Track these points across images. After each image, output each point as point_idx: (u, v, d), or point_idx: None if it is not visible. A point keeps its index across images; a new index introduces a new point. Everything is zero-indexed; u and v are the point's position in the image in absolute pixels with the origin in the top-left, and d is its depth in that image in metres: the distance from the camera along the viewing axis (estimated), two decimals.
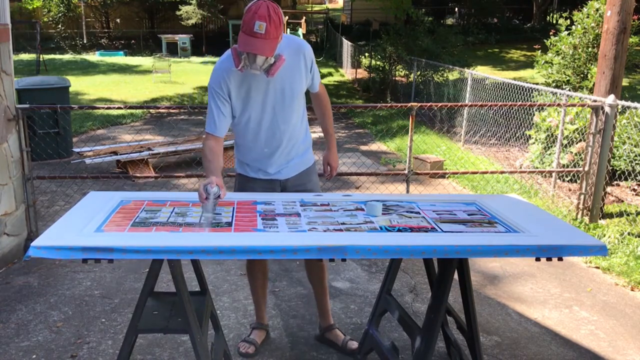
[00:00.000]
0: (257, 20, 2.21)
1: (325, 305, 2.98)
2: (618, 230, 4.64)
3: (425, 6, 24.21)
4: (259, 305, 3.00)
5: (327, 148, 2.88)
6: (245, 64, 2.34)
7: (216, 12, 25.26)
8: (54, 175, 4.95)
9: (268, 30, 2.23)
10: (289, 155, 2.67)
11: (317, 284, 2.94)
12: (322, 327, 3.01)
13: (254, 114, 2.55)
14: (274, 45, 2.30)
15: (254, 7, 2.24)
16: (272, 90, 2.51)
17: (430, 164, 6.53)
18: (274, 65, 2.36)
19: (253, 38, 2.24)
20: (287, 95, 2.54)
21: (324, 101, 2.82)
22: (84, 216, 2.21)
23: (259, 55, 2.28)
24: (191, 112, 11.12)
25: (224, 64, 2.46)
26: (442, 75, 11.40)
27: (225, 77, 2.45)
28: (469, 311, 2.39)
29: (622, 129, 5.72)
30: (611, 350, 3.03)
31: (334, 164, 2.88)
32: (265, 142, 2.61)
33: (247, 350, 2.85)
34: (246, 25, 2.25)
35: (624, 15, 4.93)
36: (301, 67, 2.54)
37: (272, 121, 2.57)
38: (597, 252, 2.06)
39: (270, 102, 2.53)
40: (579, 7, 8.45)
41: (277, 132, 2.60)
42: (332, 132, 2.86)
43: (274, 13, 2.24)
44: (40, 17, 24.66)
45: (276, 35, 2.28)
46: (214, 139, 2.49)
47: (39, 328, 3.10)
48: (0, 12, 3.93)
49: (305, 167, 2.75)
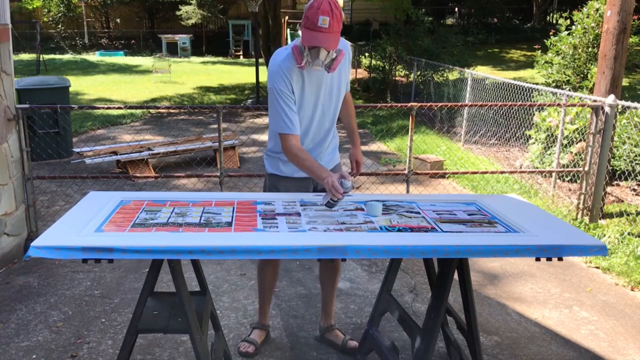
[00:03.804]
0: (321, 15, 2.29)
1: (331, 307, 3.00)
2: (618, 230, 4.64)
3: (425, 6, 24.19)
4: (264, 306, 3.01)
5: (354, 146, 2.93)
6: (308, 60, 2.39)
7: (216, 12, 25.24)
8: (54, 175, 4.95)
9: (331, 24, 2.30)
10: (325, 153, 2.75)
11: (328, 284, 2.96)
12: (322, 327, 3.01)
13: (307, 112, 2.60)
14: (337, 38, 2.37)
15: (315, 3, 2.31)
16: (324, 89, 2.58)
17: (430, 164, 6.53)
18: (335, 60, 2.43)
19: (318, 32, 2.31)
20: (334, 94, 2.62)
21: (351, 101, 2.90)
22: (84, 216, 2.21)
23: (323, 49, 2.34)
24: (191, 112, 11.12)
25: (284, 63, 2.49)
26: (442, 75, 11.40)
27: (288, 76, 2.48)
28: (469, 311, 2.39)
29: (622, 129, 5.72)
30: (611, 350, 3.03)
31: (361, 160, 2.93)
32: (311, 139, 2.67)
33: (247, 350, 2.85)
34: (310, 21, 2.32)
35: (624, 15, 4.93)
36: (347, 67, 2.64)
37: (320, 119, 2.64)
38: (597, 252, 2.06)
39: (321, 101, 2.60)
40: (579, 7, 8.45)
41: (322, 130, 2.67)
42: (357, 130, 2.94)
43: (335, 8, 2.32)
44: (40, 17, 24.64)
45: (338, 29, 2.35)
46: (295, 137, 2.51)
47: (39, 328, 3.10)
48: (0, 12, 3.93)
49: (335, 163, 2.83)
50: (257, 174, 5.11)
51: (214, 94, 14.05)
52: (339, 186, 2.27)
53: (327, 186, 2.30)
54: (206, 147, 7.05)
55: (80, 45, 24.63)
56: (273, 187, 2.76)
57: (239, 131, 9.14)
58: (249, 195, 2.60)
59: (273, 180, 2.77)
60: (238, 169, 6.91)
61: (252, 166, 7.06)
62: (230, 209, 2.38)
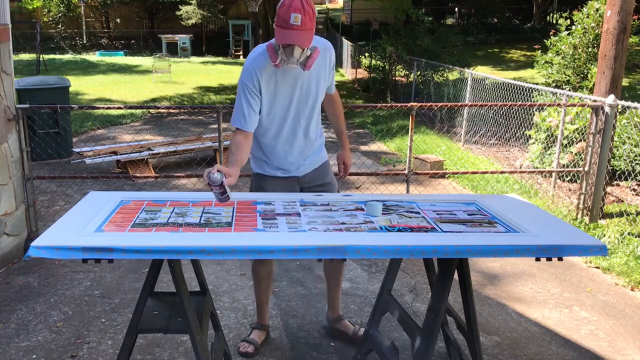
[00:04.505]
0: (293, 13, 2.29)
1: (337, 297, 3.02)
2: (618, 230, 4.64)
3: (425, 6, 24.20)
4: (262, 306, 3.01)
5: (342, 147, 2.93)
6: (283, 58, 2.39)
7: (216, 12, 25.25)
8: (54, 175, 4.95)
9: (304, 21, 2.31)
10: (306, 153, 2.73)
11: (333, 275, 2.98)
12: (330, 318, 3.04)
13: (279, 111, 2.59)
14: (310, 35, 2.37)
15: (287, 1, 2.32)
16: (299, 88, 2.57)
17: (430, 164, 6.53)
18: (310, 58, 2.42)
19: (290, 30, 2.31)
20: (311, 94, 2.61)
21: (338, 102, 2.88)
22: (84, 216, 2.21)
23: (296, 47, 2.34)
24: (191, 112, 11.12)
25: (257, 60, 2.49)
26: (442, 75, 11.40)
27: (257, 74, 2.49)
28: (469, 311, 2.39)
29: (622, 129, 5.72)
30: (611, 350, 3.03)
31: (349, 162, 2.93)
32: (286, 139, 2.65)
33: (247, 350, 2.85)
34: (282, 19, 2.32)
35: (624, 15, 4.93)
36: (326, 66, 2.62)
37: (294, 119, 2.62)
38: (597, 252, 2.06)
39: (295, 100, 2.59)
40: (579, 7, 8.45)
41: (298, 130, 2.65)
42: (345, 132, 2.92)
43: (307, 5, 2.33)
44: (40, 17, 24.65)
45: (311, 26, 2.35)
46: (243, 133, 2.52)
47: (39, 328, 3.10)
48: (0, 12, 3.93)
49: (321, 162, 2.81)
50: None
51: (214, 94, 14.05)
52: (205, 178, 2.18)
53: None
54: (206, 147, 7.06)
55: (80, 45, 24.63)
56: (259, 187, 2.76)
57: None
58: (249, 195, 2.60)
59: (259, 180, 2.77)
60: None
61: None
62: (230, 209, 2.38)
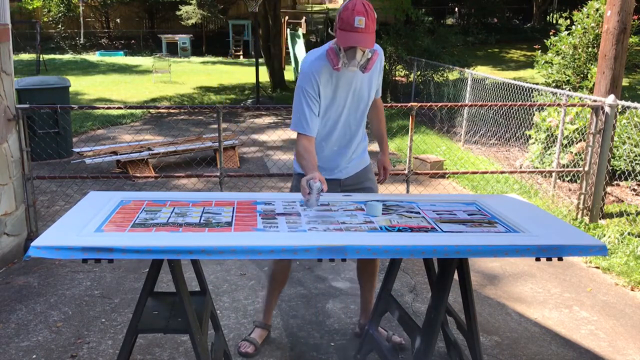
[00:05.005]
0: (357, 16, 2.34)
1: (370, 302, 3.01)
2: (618, 230, 4.64)
3: (425, 6, 24.17)
4: (269, 306, 3.02)
5: (382, 152, 2.96)
6: (344, 61, 2.43)
7: (216, 12, 25.23)
8: (54, 175, 4.95)
9: (367, 24, 2.36)
10: (352, 156, 2.76)
11: (367, 280, 3.00)
12: (362, 324, 3.04)
13: (333, 114, 2.63)
14: (373, 38, 2.42)
15: (349, 4, 2.37)
16: (352, 92, 2.60)
17: (430, 164, 6.53)
18: (370, 60, 2.46)
19: (355, 33, 2.36)
20: (363, 97, 2.65)
21: (381, 107, 2.91)
22: (84, 216, 2.21)
23: (359, 50, 2.39)
24: (191, 112, 11.12)
25: (314, 65, 2.52)
26: (442, 75, 11.39)
27: (316, 78, 2.52)
28: (469, 311, 2.39)
29: (622, 129, 5.72)
30: (611, 350, 3.03)
31: (389, 167, 2.96)
32: (335, 141, 2.69)
33: (247, 350, 2.86)
34: (345, 22, 2.36)
35: (624, 15, 4.93)
36: (377, 71, 2.66)
37: (346, 122, 2.66)
38: (597, 252, 2.06)
39: (349, 103, 2.62)
40: (579, 7, 8.45)
41: (348, 133, 2.69)
42: (386, 137, 2.96)
43: (369, 8, 2.39)
44: (40, 17, 24.64)
45: (373, 29, 2.40)
46: (307, 138, 2.54)
47: (39, 328, 3.10)
48: (0, 12, 3.93)
49: (363, 165, 2.84)
50: (257, 174, 5.12)
51: (214, 94, 14.05)
52: (305, 186, 2.28)
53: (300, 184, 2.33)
54: (206, 147, 7.06)
55: (80, 45, 24.62)
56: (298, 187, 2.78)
57: (239, 131, 9.14)
58: (249, 195, 2.60)
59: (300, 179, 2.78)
60: (238, 169, 6.91)
61: (252, 166, 7.06)
62: (230, 209, 2.38)
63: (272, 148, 7.99)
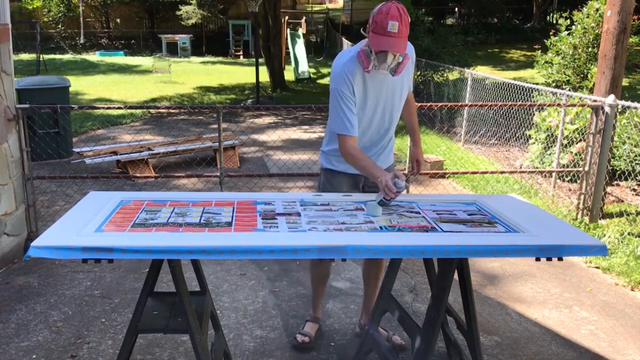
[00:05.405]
0: (391, 20, 2.33)
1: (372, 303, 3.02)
2: (618, 230, 4.64)
3: (425, 6, 24.16)
4: (316, 302, 3.08)
5: (414, 145, 2.93)
6: (375, 64, 2.43)
7: (216, 12, 25.23)
8: (54, 175, 4.95)
9: (400, 29, 2.35)
10: (382, 154, 2.78)
11: (372, 281, 3.02)
12: (363, 325, 3.05)
13: (367, 113, 2.64)
14: (405, 43, 2.43)
15: (384, 8, 2.36)
16: (385, 91, 2.62)
17: (430, 164, 6.53)
18: (401, 64, 2.47)
19: (388, 37, 2.36)
20: (397, 97, 2.66)
21: (412, 101, 2.92)
22: (84, 216, 2.21)
23: (390, 54, 2.39)
24: (191, 112, 11.12)
25: (347, 66, 2.53)
26: (442, 75, 11.40)
27: (350, 79, 2.53)
28: (469, 311, 2.39)
29: (622, 129, 5.72)
30: (611, 350, 3.03)
31: (421, 160, 2.94)
32: (369, 139, 2.71)
33: (304, 339, 2.93)
34: (379, 26, 2.36)
35: (624, 15, 4.93)
36: (410, 71, 2.68)
37: (380, 120, 2.68)
38: (597, 252, 2.06)
39: (382, 103, 2.64)
40: (579, 7, 8.45)
41: (380, 131, 2.71)
42: (418, 130, 2.96)
43: (403, 12, 2.37)
44: (40, 17, 24.63)
45: (406, 34, 2.40)
46: (353, 139, 2.56)
47: (39, 328, 3.10)
48: (0, 12, 3.93)
49: (388, 165, 2.85)
50: (257, 174, 5.12)
51: (214, 94, 14.05)
52: (392, 185, 2.29)
53: (381, 185, 2.32)
54: (206, 147, 7.06)
55: (80, 45, 24.62)
56: (327, 182, 2.81)
57: (239, 131, 9.14)
58: (249, 195, 2.60)
59: (327, 175, 2.82)
60: (238, 169, 6.91)
61: (252, 166, 7.06)
62: (230, 209, 2.38)
63: (272, 148, 7.99)
